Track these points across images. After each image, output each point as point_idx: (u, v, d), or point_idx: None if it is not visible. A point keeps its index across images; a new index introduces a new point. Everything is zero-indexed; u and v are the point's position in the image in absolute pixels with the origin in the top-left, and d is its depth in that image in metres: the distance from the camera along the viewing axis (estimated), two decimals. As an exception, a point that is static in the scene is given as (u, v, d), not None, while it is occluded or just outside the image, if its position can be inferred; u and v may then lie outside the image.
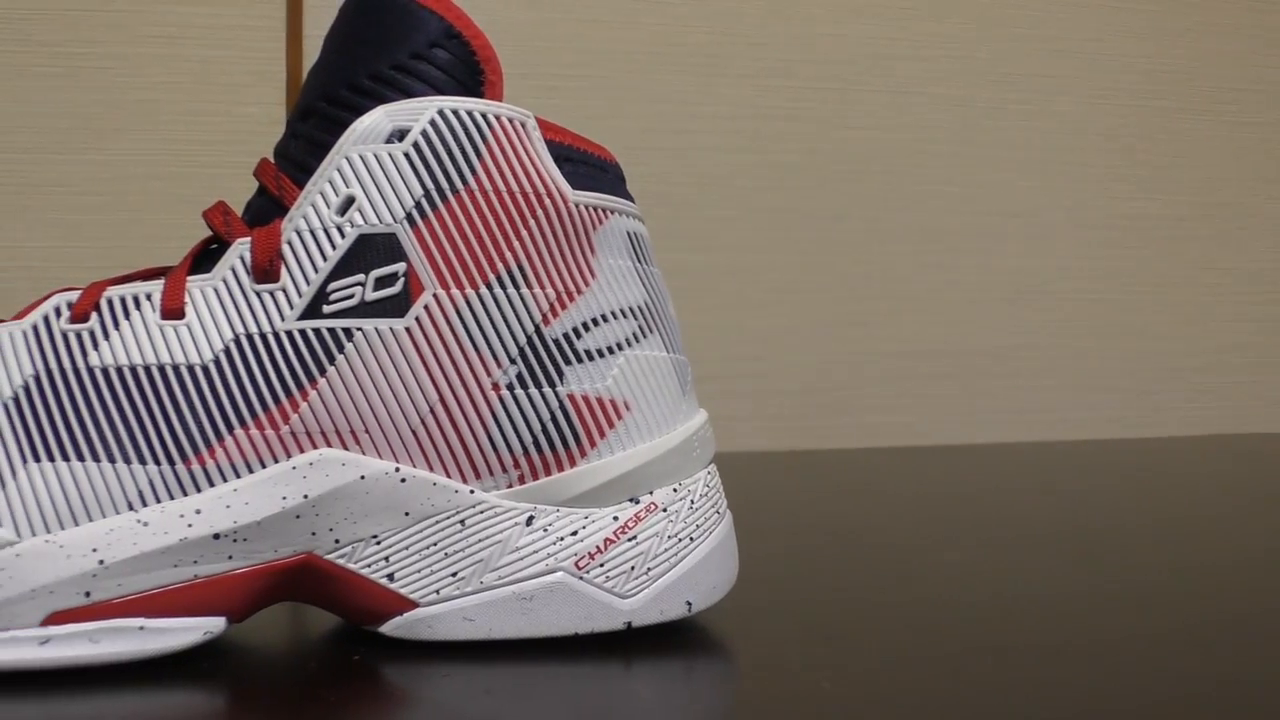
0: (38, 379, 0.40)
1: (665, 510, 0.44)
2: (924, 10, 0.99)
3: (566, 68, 0.91)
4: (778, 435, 0.97)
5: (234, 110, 0.85)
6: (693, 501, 0.45)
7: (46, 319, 0.41)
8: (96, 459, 0.39)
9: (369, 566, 0.41)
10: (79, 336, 0.41)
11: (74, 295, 0.42)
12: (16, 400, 0.40)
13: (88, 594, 0.39)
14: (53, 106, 0.82)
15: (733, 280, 0.96)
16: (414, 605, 0.42)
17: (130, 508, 0.39)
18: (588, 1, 0.92)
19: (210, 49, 0.84)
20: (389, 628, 0.42)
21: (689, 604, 0.44)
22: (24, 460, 0.39)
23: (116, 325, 0.41)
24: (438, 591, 0.42)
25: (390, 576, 0.42)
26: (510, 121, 0.43)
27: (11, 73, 0.81)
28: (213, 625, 0.40)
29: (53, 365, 0.40)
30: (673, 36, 0.93)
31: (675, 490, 0.45)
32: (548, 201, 0.43)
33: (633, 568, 0.43)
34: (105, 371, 0.40)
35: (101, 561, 0.39)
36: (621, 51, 0.92)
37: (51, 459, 0.39)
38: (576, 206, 0.43)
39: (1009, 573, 0.56)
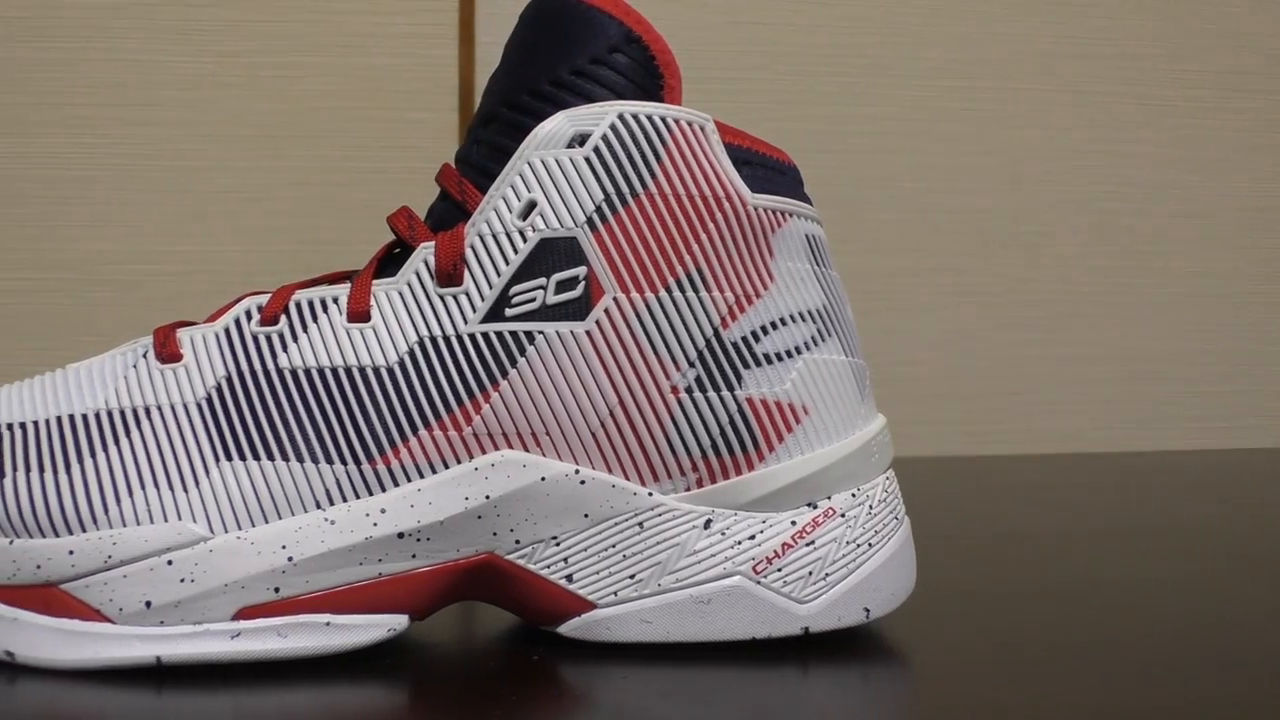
0: (229, 380, 0.41)
1: (844, 515, 0.44)
2: (1096, 7, 0.97)
3: (742, 71, 0.91)
4: (952, 440, 0.96)
5: (408, 117, 0.86)
6: (871, 507, 0.44)
7: (238, 321, 0.42)
8: (285, 458, 0.40)
9: (548, 567, 0.42)
10: (269, 339, 0.42)
11: (264, 299, 0.43)
12: (209, 400, 0.41)
13: (277, 590, 0.40)
14: (234, 116, 0.84)
15: (906, 283, 0.95)
16: (592, 606, 0.42)
17: (318, 506, 0.40)
18: (760, 5, 0.91)
19: (384, 57, 0.86)
20: (567, 628, 0.42)
21: (867, 610, 0.44)
22: (216, 459, 0.40)
23: (305, 328, 0.42)
24: (616, 593, 0.42)
25: (569, 577, 0.42)
26: (690, 125, 0.43)
27: (193, 83, 0.84)
28: (396, 622, 0.41)
29: (244, 366, 0.42)
30: (842, 38, 0.93)
31: (854, 495, 0.44)
32: (727, 205, 0.43)
33: (810, 573, 0.43)
34: (294, 373, 0.41)
35: (290, 558, 0.40)
36: (794, 54, 0.92)
37: (243, 458, 0.40)
38: (755, 209, 0.43)
39: (1191, 584, 0.54)
